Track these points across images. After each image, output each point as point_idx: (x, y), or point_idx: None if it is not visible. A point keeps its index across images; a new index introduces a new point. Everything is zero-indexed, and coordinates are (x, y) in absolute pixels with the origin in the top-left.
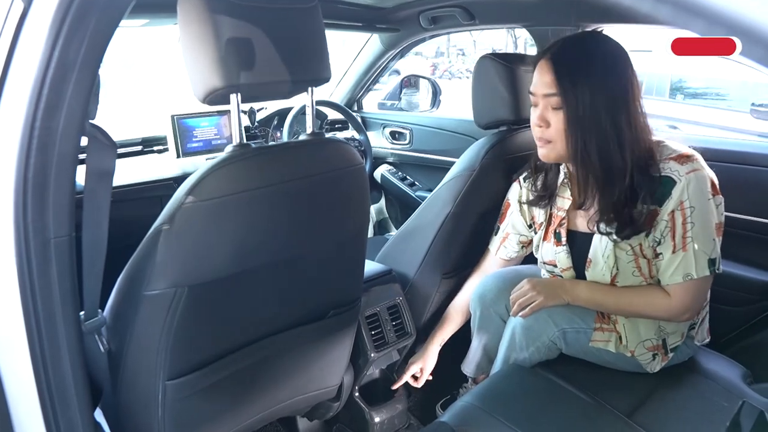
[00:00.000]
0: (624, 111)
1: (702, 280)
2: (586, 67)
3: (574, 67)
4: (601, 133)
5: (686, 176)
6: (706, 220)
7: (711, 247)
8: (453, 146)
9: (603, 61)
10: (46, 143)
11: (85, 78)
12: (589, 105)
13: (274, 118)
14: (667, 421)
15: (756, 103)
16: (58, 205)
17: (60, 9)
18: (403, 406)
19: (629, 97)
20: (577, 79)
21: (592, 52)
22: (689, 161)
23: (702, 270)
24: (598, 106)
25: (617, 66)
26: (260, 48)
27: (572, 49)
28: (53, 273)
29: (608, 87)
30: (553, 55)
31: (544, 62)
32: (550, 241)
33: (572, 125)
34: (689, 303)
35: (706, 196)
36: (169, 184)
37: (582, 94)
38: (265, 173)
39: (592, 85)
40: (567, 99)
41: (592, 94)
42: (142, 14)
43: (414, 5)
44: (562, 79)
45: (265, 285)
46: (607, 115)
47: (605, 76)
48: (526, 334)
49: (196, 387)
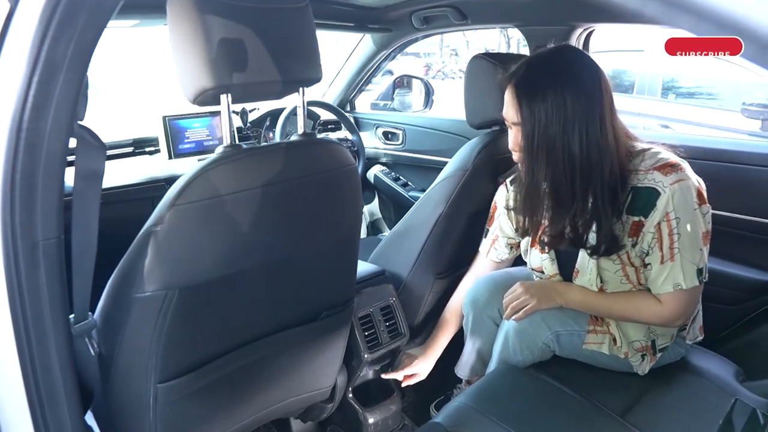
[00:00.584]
0: (583, 134)
1: (690, 290)
2: (545, 90)
3: (532, 93)
4: (552, 160)
5: (671, 187)
6: (693, 230)
7: (698, 257)
8: (446, 146)
9: (565, 81)
10: (34, 144)
11: (73, 78)
12: (542, 132)
13: (266, 119)
14: (660, 421)
15: (747, 102)
16: (46, 207)
17: (47, 8)
18: (397, 406)
19: (593, 113)
20: (534, 105)
21: (554, 72)
22: (674, 171)
23: (691, 280)
24: (553, 132)
25: (583, 84)
26: (250, 48)
27: (534, 71)
28: (42, 276)
29: (568, 109)
30: (516, 81)
31: (509, 88)
32: (537, 248)
33: (527, 153)
34: (681, 311)
35: (691, 206)
36: (161, 185)
37: (538, 121)
38: (256, 174)
39: (549, 110)
40: (524, 127)
41: (548, 120)
42: (132, 15)
43: (406, 5)
44: (521, 106)
45: (257, 286)
46: (562, 141)
47: (565, 97)
48: (520, 338)
49: (187, 390)
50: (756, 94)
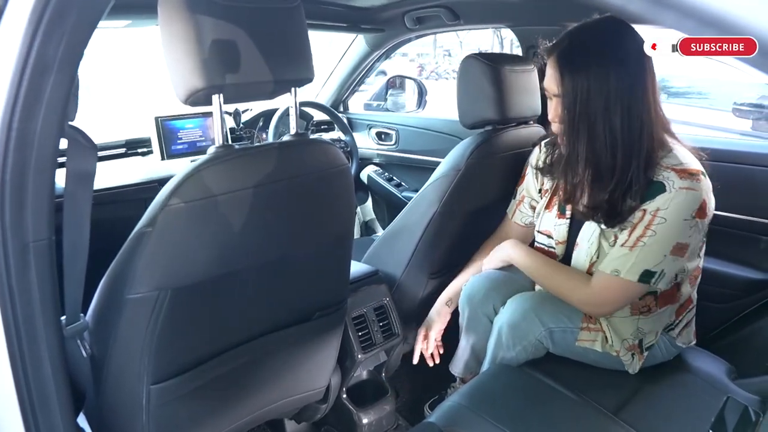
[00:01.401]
0: (624, 109)
1: (626, 282)
2: (588, 64)
3: (576, 64)
4: (593, 134)
5: (678, 191)
6: (668, 236)
7: (655, 262)
8: (439, 146)
9: (610, 55)
10: (24, 145)
11: (64, 78)
12: (584, 106)
13: (259, 120)
14: (653, 418)
15: (738, 102)
16: (36, 208)
17: (37, 7)
18: (391, 406)
19: (636, 91)
20: (576, 78)
21: (598, 46)
22: (690, 178)
23: (631, 275)
24: (595, 106)
25: (627, 59)
26: (242, 48)
27: (579, 44)
28: (33, 277)
29: (610, 83)
30: (559, 53)
31: (552, 60)
32: (552, 212)
33: (568, 126)
34: (605, 298)
35: (683, 215)
36: (154, 186)
37: (580, 94)
38: (248, 174)
39: (592, 83)
40: (565, 99)
41: (590, 94)
42: (123, 15)
43: (398, 5)
44: (563, 78)
45: (250, 287)
46: (602, 116)
47: (608, 72)
48: (513, 333)
49: (181, 391)
50: (747, 93)
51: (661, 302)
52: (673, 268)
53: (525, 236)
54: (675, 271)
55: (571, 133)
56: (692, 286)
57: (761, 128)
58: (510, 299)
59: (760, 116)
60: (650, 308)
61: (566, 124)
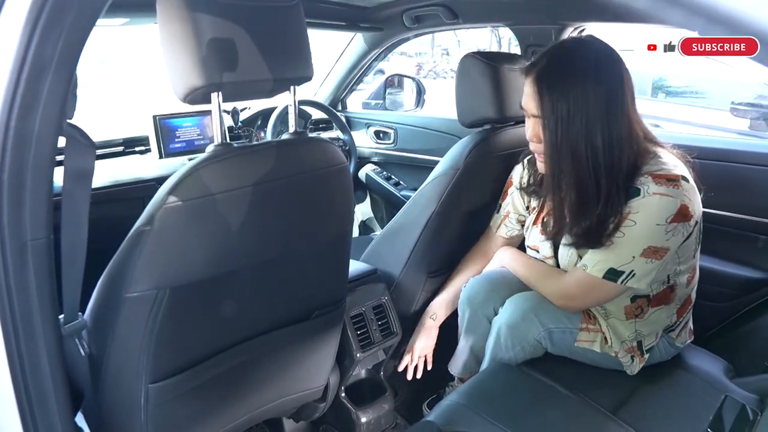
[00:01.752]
0: (605, 129)
1: (591, 278)
2: (566, 84)
3: (553, 87)
4: (576, 157)
5: (651, 196)
6: (636, 239)
7: (622, 262)
8: (437, 145)
9: (587, 75)
10: (22, 143)
11: (62, 76)
12: (565, 130)
13: (257, 118)
14: (651, 417)
15: (735, 101)
16: (35, 207)
17: (35, 5)
18: (390, 405)
19: (615, 106)
20: (555, 100)
21: (576, 65)
22: (666, 184)
23: (596, 271)
24: (576, 129)
25: (603, 75)
26: (241, 46)
27: (556, 64)
28: (30, 276)
29: (590, 104)
30: (537, 72)
31: (530, 80)
32: (538, 227)
33: (550, 148)
34: (573, 292)
35: (655, 220)
36: (152, 185)
37: (561, 118)
38: (247, 173)
39: (572, 105)
40: (547, 124)
41: (570, 117)
42: (121, 13)
43: (397, 4)
44: (542, 100)
45: (248, 286)
46: (585, 138)
47: (587, 92)
48: (512, 334)
49: (179, 390)
50: (744, 93)
51: (654, 303)
52: (646, 270)
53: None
54: (650, 272)
55: (553, 156)
56: (689, 287)
57: (759, 127)
58: (509, 300)
59: (757, 115)
60: (643, 310)
61: (549, 147)
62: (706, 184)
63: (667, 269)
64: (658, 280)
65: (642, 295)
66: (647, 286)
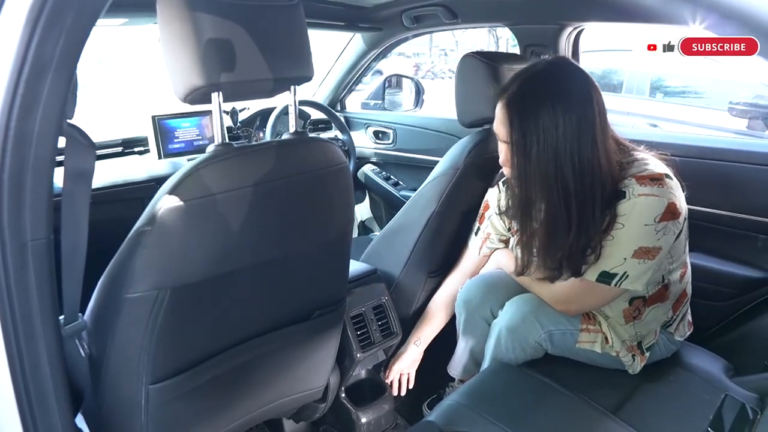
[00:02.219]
0: (575, 158)
1: (586, 282)
2: (537, 111)
3: (524, 113)
4: (545, 186)
5: (637, 197)
6: (627, 240)
7: (614, 264)
8: (436, 145)
9: (556, 99)
10: (22, 144)
11: (62, 76)
12: (536, 160)
13: (256, 119)
14: (652, 416)
15: (733, 101)
16: (35, 208)
17: (35, 5)
18: (390, 406)
19: (587, 133)
20: (526, 127)
21: (546, 90)
22: (650, 184)
23: (589, 275)
24: (546, 158)
25: (575, 101)
26: (241, 46)
27: (527, 89)
28: (31, 277)
29: (559, 132)
30: (508, 99)
31: (501, 104)
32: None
33: (520, 177)
34: (569, 296)
35: (644, 221)
36: (151, 185)
37: (531, 146)
38: (247, 173)
39: (540, 134)
40: (516, 151)
41: (539, 146)
42: (121, 13)
43: (396, 4)
44: (512, 127)
45: (248, 286)
46: (555, 167)
47: (557, 119)
48: (512, 337)
49: (179, 391)
50: (742, 93)
51: (650, 303)
52: (640, 271)
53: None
54: (644, 273)
55: (522, 184)
56: (683, 282)
57: (756, 127)
58: (509, 302)
59: (755, 115)
60: (640, 311)
61: (518, 174)
62: (704, 183)
63: (662, 269)
64: (654, 281)
65: (638, 296)
66: (643, 288)
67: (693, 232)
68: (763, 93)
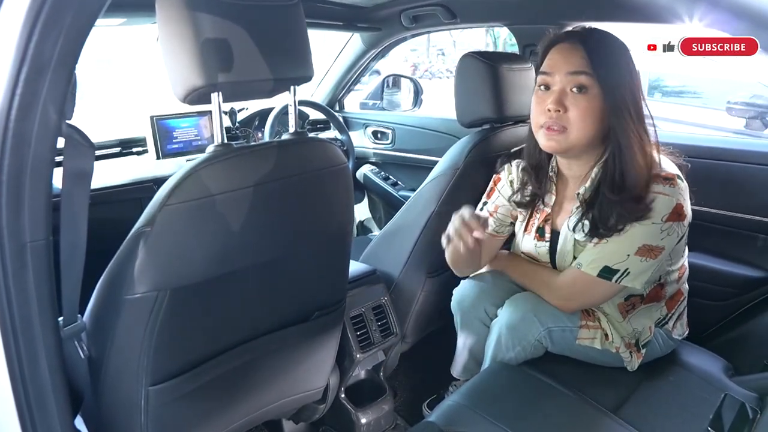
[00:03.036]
0: (639, 106)
1: (586, 276)
2: (613, 56)
3: (604, 52)
4: (629, 126)
5: (648, 195)
6: (632, 237)
7: (617, 260)
8: (435, 145)
9: (620, 54)
10: (21, 144)
11: (61, 76)
12: (619, 91)
13: (255, 119)
14: (652, 416)
15: (731, 100)
16: (33, 208)
17: (34, 4)
18: (390, 406)
19: (639, 94)
20: (609, 62)
21: (613, 44)
22: (663, 183)
23: (591, 269)
24: (624, 94)
25: (629, 62)
26: (241, 46)
27: (598, 36)
28: (30, 278)
29: (627, 79)
30: (581, 37)
31: (569, 44)
32: (531, 234)
33: (607, 106)
34: (569, 292)
35: (652, 219)
36: (149, 186)
37: (614, 77)
38: (247, 173)
39: (619, 73)
40: (600, 76)
41: (619, 81)
42: (119, 13)
43: (395, 4)
44: (594, 58)
45: (248, 287)
46: (630, 104)
47: (625, 68)
48: (512, 334)
49: (179, 392)
50: (740, 92)
51: (647, 301)
52: (641, 269)
53: (493, 247)
54: (645, 271)
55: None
56: (679, 282)
57: (755, 127)
58: (508, 300)
59: (753, 115)
60: (635, 307)
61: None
62: (704, 183)
63: (660, 270)
64: (652, 281)
65: (636, 294)
66: (642, 286)
67: (693, 232)
68: (761, 92)
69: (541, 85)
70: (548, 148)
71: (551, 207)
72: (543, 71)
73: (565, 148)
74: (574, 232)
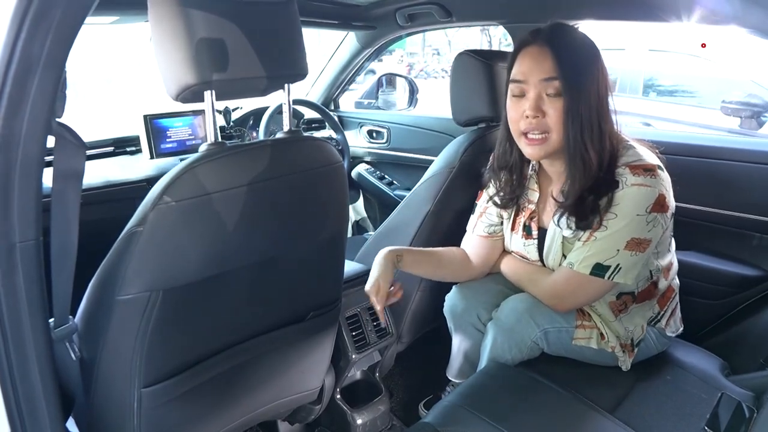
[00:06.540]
0: (605, 104)
1: (579, 275)
2: (580, 55)
3: (572, 54)
4: (593, 123)
5: (630, 187)
6: (620, 231)
7: (607, 256)
8: (431, 144)
9: (588, 52)
10: (9, 143)
11: (51, 74)
12: (586, 94)
13: (249, 118)
14: (648, 415)
15: (726, 100)
16: (23, 208)
17: (21, 3)
18: (386, 407)
19: (606, 91)
20: (576, 64)
21: (579, 42)
22: (643, 174)
23: (583, 267)
24: (591, 97)
25: (597, 59)
26: (234, 44)
27: (565, 36)
28: (19, 279)
29: (596, 78)
30: (549, 40)
31: (538, 47)
32: (518, 233)
33: (572, 113)
34: (562, 291)
35: (636, 211)
36: (143, 185)
37: (581, 81)
38: (241, 172)
39: (588, 74)
40: (568, 84)
41: (588, 83)
42: (111, 11)
43: (390, 2)
44: (563, 63)
45: (242, 287)
46: (596, 106)
47: (593, 67)
48: (508, 337)
49: (172, 394)
50: (734, 91)
51: (639, 300)
52: (631, 263)
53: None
54: (635, 265)
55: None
56: (669, 278)
57: (749, 125)
58: (504, 302)
59: (748, 114)
60: (627, 306)
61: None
62: (698, 181)
63: (650, 264)
64: (643, 276)
65: (627, 292)
66: (633, 282)
67: (688, 230)
68: (756, 92)
69: (515, 93)
70: (532, 156)
71: (536, 204)
72: (516, 79)
73: (548, 152)
74: (560, 227)
